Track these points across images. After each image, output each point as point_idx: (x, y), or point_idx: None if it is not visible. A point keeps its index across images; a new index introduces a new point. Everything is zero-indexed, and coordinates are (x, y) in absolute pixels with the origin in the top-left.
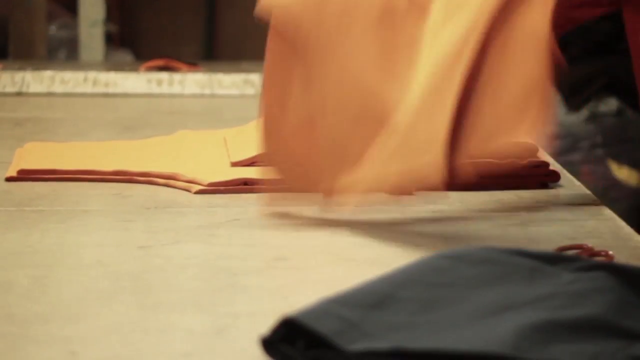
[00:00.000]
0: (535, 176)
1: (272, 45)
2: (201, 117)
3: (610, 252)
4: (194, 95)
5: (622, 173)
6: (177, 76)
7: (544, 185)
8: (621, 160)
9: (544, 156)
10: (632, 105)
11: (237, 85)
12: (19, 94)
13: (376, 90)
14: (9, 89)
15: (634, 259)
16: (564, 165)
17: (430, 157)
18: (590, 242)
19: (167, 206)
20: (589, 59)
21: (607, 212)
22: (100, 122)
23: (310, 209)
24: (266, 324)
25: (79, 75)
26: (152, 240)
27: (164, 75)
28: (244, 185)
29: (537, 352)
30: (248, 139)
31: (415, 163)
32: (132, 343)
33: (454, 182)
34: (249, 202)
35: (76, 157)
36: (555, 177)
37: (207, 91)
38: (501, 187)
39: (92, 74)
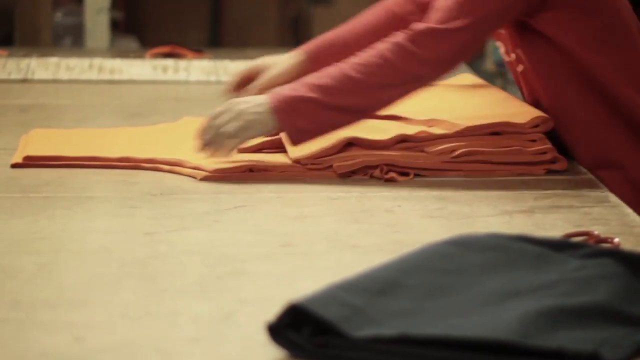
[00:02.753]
0: (541, 163)
1: None
2: (207, 104)
3: (617, 239)
4: (199, 82)
5: None
6: (182, 63)
7: (551, 172)
8: None
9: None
10: None
11: None
12: (24, 80)
13: None
14: (15, 75)
15: None
16: None
17: None
18: (596, 229)
19: (173, 193)
20: None
21: (614, 199)
22: (105, 109)
23: (316, 196)
24: (272, 311)
25: (85, 62)
26: (158, 226)
27: (170, 62)
28: (250, 172)
29: (544, 339)
30: None
31: None
32: (137, 329)
33: None
34: (255, 189)
35: (82, 143)
36: (562, 164)
37: (212, 78)
38: (508, 173)
39: (97, 61)
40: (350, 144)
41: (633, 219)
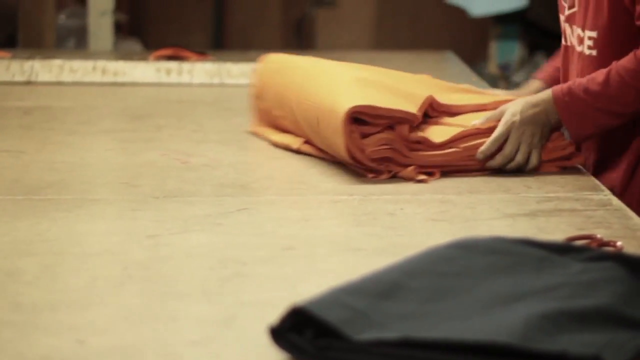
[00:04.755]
0: (559, 159)
1: None
2: (210, 106)
3: (619, 243)
4: (202, 85)
5: None
6: (186, 65)
7: (553, 175)
8: None
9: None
10: None
11: (246, 74)
12: (27, 82)
13: None
14: (18, 77)
15: None
16: None
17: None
18: (599, 233)
19: (175, 195)
20: None
21: (616, 202)
22: (108, 111)
23: (319, 199)
24: (274, 313)
25: (88, 64)
26: (161, 229)
27: (173, 65)
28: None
29: (547, 342)
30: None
31: None
32: (140, 332)
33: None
34: (257, 192)
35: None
36: (579, 159)
37: (216, 80)
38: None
39: (101, 63)
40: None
41: (636, 222)
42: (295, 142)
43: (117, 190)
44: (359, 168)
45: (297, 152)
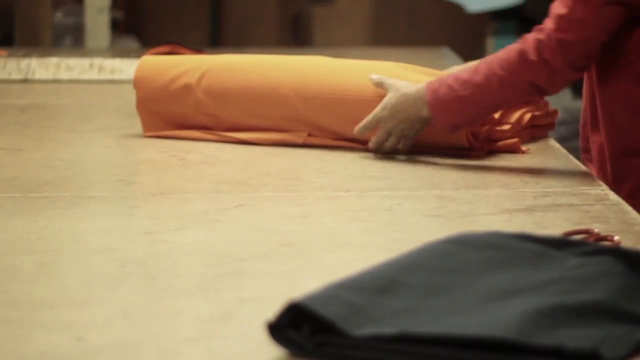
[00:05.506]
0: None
1: None
2: None
3: (616, 237)
4: None
5: None
6: None
7: (550, 171)
8: None
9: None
10: None
11: None
12: (24, 80)
13: None
14: (15, 75)
15: None
16: (570, 151)
17: None
18: (596, 227)
19: (173, 192)
20: None
21: (613, 197)
22: (105, 108)
23: (316, 195)
24: (272, 309)
25: (85, 62)
26: (158, 226)
27: None
28: None
29: (543, 337)
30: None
31: None
32: (138, 328)
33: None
34: (254, 189)
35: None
36: (551, 125)
37: None
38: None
39: (97, 61)
40: None
41: (633, 217)
42: (296, 137)
43: (115, 187)
44: (458, 149)
45: (302, 145)
